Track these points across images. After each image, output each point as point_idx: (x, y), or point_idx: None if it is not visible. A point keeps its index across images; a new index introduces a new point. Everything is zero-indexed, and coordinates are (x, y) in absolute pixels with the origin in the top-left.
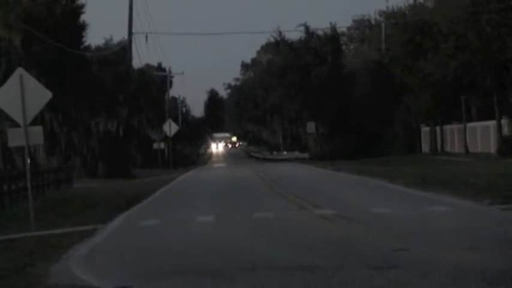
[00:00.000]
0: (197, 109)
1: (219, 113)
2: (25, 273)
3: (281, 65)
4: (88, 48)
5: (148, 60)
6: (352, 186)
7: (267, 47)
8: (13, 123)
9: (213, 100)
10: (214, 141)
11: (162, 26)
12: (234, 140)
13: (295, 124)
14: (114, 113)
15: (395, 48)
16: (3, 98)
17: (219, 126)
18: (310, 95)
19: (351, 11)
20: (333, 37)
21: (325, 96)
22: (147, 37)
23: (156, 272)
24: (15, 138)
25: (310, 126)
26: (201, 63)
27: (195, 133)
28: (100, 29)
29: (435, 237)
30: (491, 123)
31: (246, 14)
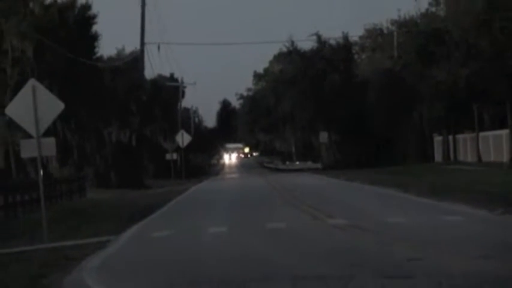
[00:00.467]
0: (209, 119)
1: (232, 123)
2: (38, 284)
3: (293, 74)
4: (100, 58)
5: (160, 70)
6: (365, 195)
7: (279, 57)
8: (25, 134)
9: (226, 110)
10: (226, 152)
11: (174, 36)
12: (246, 150)
13: (308, 133)
14: (127, 122)
15: (407, 57)
16: (15, 109)
17: (231, 137)
18: (322, 103)
19: (363, 20)
20: (345, 46)
21: (338, 105)
22: (159, 47)
23: (169, 282)
24: (27, 150)
25: (323, 136)
26: (213, 74)
27: (207, 143)
28: (112, 39)
29: (449, 247)
30: (504, 132)
31: (258, 24)
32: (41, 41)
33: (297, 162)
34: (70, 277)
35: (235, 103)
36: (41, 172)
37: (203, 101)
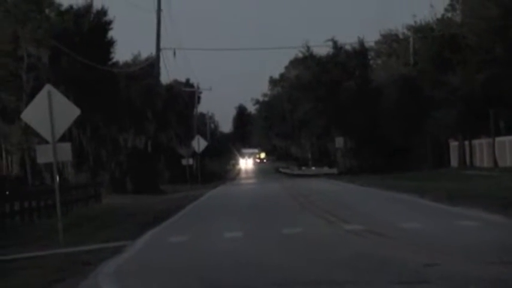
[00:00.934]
0: (225, 125)
1: (247, 129)
2: None
3: (309, 79)
4: (116, 64)
5: (176, 76)
6: (381, 201)
7: (295, 62)
8: (41, 140)
9: (242, 116)
10: (242, 157)
11: (190, 41)
12: (262, 155)
13: (324, 139)
14: (143, 128)
15: (423, 62)
16: (31, 114)
17: (247, 142)
18: (338, 109)
19: (379, 25)
20: (361, 51)
21: (353, 110)
22: (175, 53)
23: None
24: (43, 155)
25: (339, 141)
26: (229, 79)
27: (223, 149)
28: (128, 44)
29: (465, 252)
30: None
31: (274, 29)
32: (56, 47)
33: (313, 168)
34: (86, 282)
35: (251, 108)
36: (57, 177)
37: (219, 107)
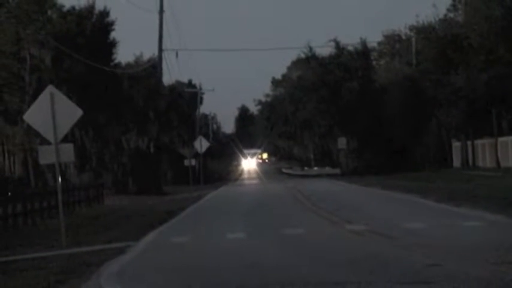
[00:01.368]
0: (228, 125)
1: (250, 129)
2: None
3: (311, 80)
4: (118, 65)
5: (178, 76)
6: (384, 201)
7: (297, 63)
8: (43, 140)
9: (244, 116)
10: (245, 158)
11: (192, 42)
12: (264, 156)
13: (326, 139)
14: (145, 129)
15: (425, 63)
16: (34, 115)
17: (249, 142)
18: (340, 110)
19: (381, 26)
20: (364, 52)
21: (356, 111)
22: (177, 54)
23: None
24: (46, 156)
25: (341, 142)
26: (231, 80)
27: (225, 150)
28: (130, 45)
29: (467, 252)
30: None
31: (276, 30)
32: (59, 49)
33: (315, 168)
34: (88, 283)
35: (254, 109)
36: (60, 178)
37: (221, 107)
